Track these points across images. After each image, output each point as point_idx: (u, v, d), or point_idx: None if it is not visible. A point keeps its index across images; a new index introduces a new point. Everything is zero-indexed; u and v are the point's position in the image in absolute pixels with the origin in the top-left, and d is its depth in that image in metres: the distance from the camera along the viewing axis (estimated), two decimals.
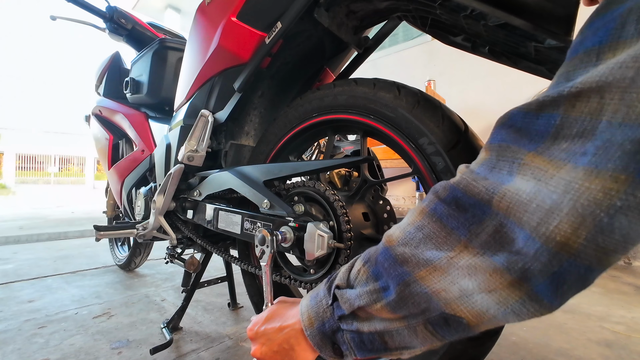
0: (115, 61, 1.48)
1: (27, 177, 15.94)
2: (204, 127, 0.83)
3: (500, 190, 0.25)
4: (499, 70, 2.33)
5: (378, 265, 0.32)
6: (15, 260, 1.89)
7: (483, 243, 0.26)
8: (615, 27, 0.22)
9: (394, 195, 3.03)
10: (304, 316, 0.37)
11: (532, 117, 0.25)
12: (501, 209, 0.24)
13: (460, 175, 0.28)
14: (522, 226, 0.23)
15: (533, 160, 0.24)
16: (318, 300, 0.37)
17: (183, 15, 5.96)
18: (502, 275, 0.24)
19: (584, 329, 1.07)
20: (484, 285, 0.25)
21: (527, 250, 0.23)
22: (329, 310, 0.35)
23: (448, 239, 0.28)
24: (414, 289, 0.28)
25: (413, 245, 0.29)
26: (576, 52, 0.24)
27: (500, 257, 0.25)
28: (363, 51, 0.79)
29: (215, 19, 0.77)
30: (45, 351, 0.89)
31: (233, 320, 1.11)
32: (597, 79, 0.21)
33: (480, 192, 0.26)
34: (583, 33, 0.24)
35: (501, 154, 0.26)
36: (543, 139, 0.24)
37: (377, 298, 0.31)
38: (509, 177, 0.25)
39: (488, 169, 0.27)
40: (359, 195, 0.62)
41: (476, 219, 0.26)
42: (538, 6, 0.39)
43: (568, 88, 0.23)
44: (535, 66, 0.53)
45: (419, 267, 0.28)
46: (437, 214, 0.29)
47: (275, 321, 0.41)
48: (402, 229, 0.31)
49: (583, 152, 0.22)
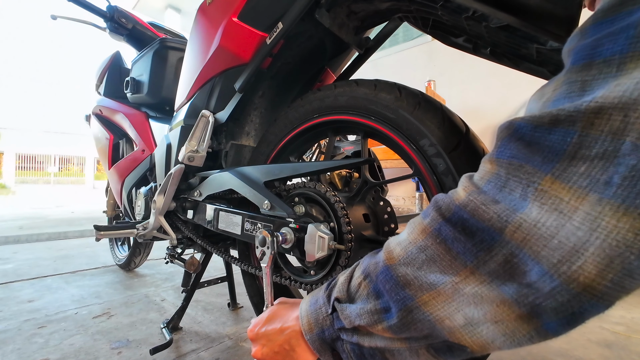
0: (116, 61, 1.48)
1: (27, 177, 15.94)
2: (205, 127, 0.83)
3: (515, 219, 0.23)
4: (499, 71, 2.33)
5: (379, 283, 0.31)
6: (15, 260, 1.89)
7: (491, 271, 0.24)
8: (636, 34, 0.20)
9: (395, 195, 3.03)
10: (304, 320, 0.37)
11: (543, 131, 0.23)
12: (515, 239, 0.23)
13: (467, 195, 0.26)
14: (538, 260, 0.22)
15: (551, 187, 0.22)
16: (317, 307, 0.37)
17: (183, 15, 5.96)
18: (510, 308, 0.23)
19: (584, 329, 1.07)
20: (490, 316, 0.24)
21: (541, 286, 0.21)
22: (329, 319, 0.35)
23: (453, 264, 0.26)
24: (417, 316, 0.28)
25: (415, 266, 0.28)
26: (591, 58, 0.22)
27: (510, 288, 0.23)
28: (364, 52, 0.79)
29: (216, 19, 0.77)
30: (45, 351, 0.89)
31: (233, 320, 1.11)
32: (620, 95, 0.20)
33: (491, 218, 0.24)
34: (586, 35, 0.22)
35: (512, 172, 0.24)
36: (558, 157, 0.22)
37: (378, 319, 0.30)
38: (523, 203, 0.23)
39: (497, 188, 0.25)
40: (360, 196, 0.62)
41: (484, 245, 0.24)
42: (540, 8, 0.39)
43: (587, 103, 0.21)
44: (536, 68, 0.53)
45: (421, 290, 0.27)
46: (442, 235, 0.27)
47: (276, 322, 0.41)
48: (403, 247, 0.30)
49: (606, 180, 0.20)
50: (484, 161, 0.27)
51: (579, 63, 0.23)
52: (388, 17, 0.71)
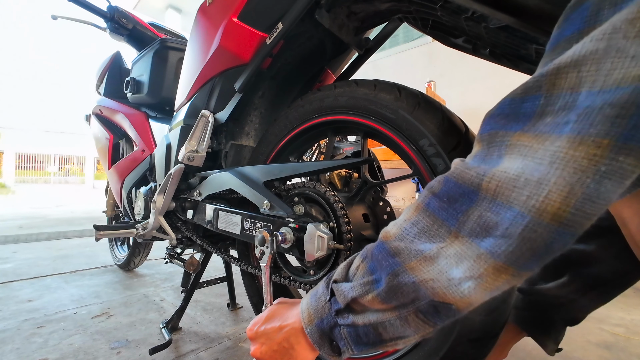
0: (116, 61, 1.48)
1: (26, 177, 15.94)
2: (205, 127, 0.83)
3: (489, 172, 0.25)
4: (498, 72, 2.33)
5: (374, 260, 0.32)
6: (14, 260, 1.89)
7: (470, 230, 0.26)
8: (589, 14, 0.23)
9: (394, 196, 3.03)
10: (304, 314, 0.38)
11: (518, 101, 0.26)
12: (489, 190, 0.25)
13: (454, 166, 0.29)
14: (510, 203, 0.23)
15: (519, 139, 0.24)
16: (317, 297, 0.37)
17: (184, 16, 5.97)
18: (486, 261, 0.25)
19: (583, 331, 1.07)
20: (470, 272, 0.26)
21: (513, 230, 0.23)
22: (327, 306, 0.36)
23: (439, 231, 0.28)
24: (403, 279, 0.29)
25: (408, 240, 0.30)
26: (557, 41, 0.25)
27: (486, 243, 0.25)
28: (364, 52, 0.80)
29: (216, 20, 0.77)
30: (44, 351, 0.89)
31: (232, 320, 1.10)
32: (571, 54, 0.22)
33: (471, 177, 0.26)
34: (560, 26, 0.25)
35: (490, 141, 0.27)
36: (529, 119, 0.24)
37: (369, 289, 0.32)
38: (498, 160, 0.25)
39: (481, 159, 0.27)
40: (359, 196, 0.62)
41: (464, 206, 0.26)
42: (539, 8, 0.39)
43: (547, 67, 0.24)
44: (535, 68, 0.53)
45: (410, 258, 0.29)
46: (430, 208, 0.29)
47: (275, 321, 0.41)
48: (398, 225, 0.32)
49: (565, 121, 0.22)
50: (474, 145, 0.29)
51: (549, 49, 0.26)
52: (388, 17, 0.71)
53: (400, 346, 0.33)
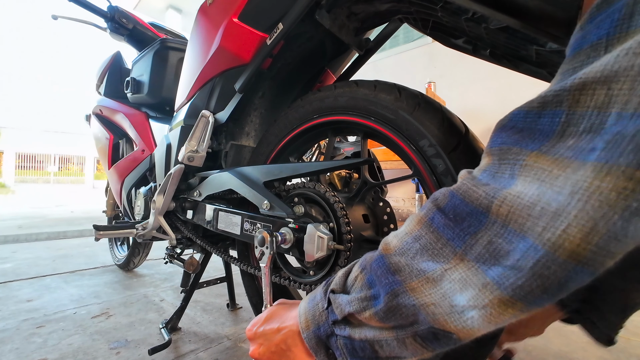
0: (116, 61, 1.48)
1: (26, 176, 15.93)
2: (205, 127, 0.83)
3: (501, 194, 0.23)
4: (499, 73, 2.34)
5: (372, 273, 0.31)
6: (14, 260, 1.89)
7: (477, 255, 0.24)
8: (621, 17, 0.20)
9: (394, 196, 3.03)
10: (302, 318, 0.37)
11: (534, 115, 0.23)
12: (500, 215, 0.23)
13: (461, 180, 0.27)
14: (523, 234, 0.21)
15: (536, 161, 0.22)
16: (315, 303, 0.37)
17: (184, 16, 5.98)
18: (492, 292, 0.23)
19: (583, 331, 1.07)
20: (474, 301, 0.24)
21: (524, 263, 0.21)
22: (324, 314, 0.35)
23: (443, 251, 0.26)
24: (402, 301, 0.27)
25: (409, 255, 0.28)
26: (580, 47, 0.22)
27: (494, 271, 0.23)
28: (364, 53, 0.80)
29: (216, 20, 0.77)
30: (44, 351, 0.89)
31: (232, 321, 1.10)
32: (601, 69, 0.19)
33: (479, 197, 0.24)
34: (584, 28, 0.23)
35: (502, 157, 0.24)
36: (547, 138, 0.22)
37: (367, 306, 0.30)
38: (511, 181, 0.23)
39: (490, 175, 0.25)
40: (359, 196, 0.62)
41: (472, 228, 0.24)
42: (539, 9, 0.39)
43: (571, 81, 0.21)
44: (536, 69, 0.53)
45: (411, 277, 0.27)
46: (435, 224, 0.27)
47: (274, 322, 0.41)
48: (399, 238, 0.30)
49: (591, 148, 0.19)
50: (482, 156, 0.27)
51: (570, 54, 0.23)
52: (388, 18, 0.71)
53: None
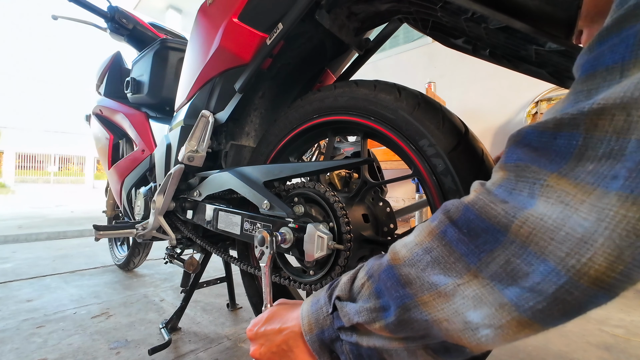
0: (117, 61, 1.49)
1: (26, 176, 15.94)
2: (205, 127, 0.83)
3: (522, 215, 0.22)
4: (499, 73, 2.34)
5: (381, 282, 0.31)
6: (14, 260, 1.89)
7: (494, 274, 0.24)
8: (636, 42, 0.20)
9: (394, 196, 3.03)
10: (304, 321, 0.37)
11: (549, 136, 0.23)
12: (520, 235, 0.22)
13: (476, 195, 0.26)
14: (545, 257, 0.21)
15: (558, 183, 0.22)
16: (318, 307, 0.37)
17: (184, 16, 5.98)
18: (510, 313, 0.23)
19: (584, 332, 1.07)
20: (490, 320, 0.24)
21: (545, 287, 0.21)
22: (329, 319, 0.35)
23: (456, 265, 0.26)
24: (415, 315, 0.27)
25: (420, 267, 0.28)
26: (594, 69, 0.22)
27: (511, 292, 0.23)
28: (364, 53, 0.80)
29: (216, 20, 0.77)
30: (44, 351, 0.89)
31: (232, 321, 1.10)
32: (621, 95, 0.20)
33: (498, 215, 0.24)
34: (593, 50, 0.23)
35: (520, 174, 0.24)
36: (565, 160, 0.22)
37: (376, 317, 0.30)
38: (531, 200, 0.23)
39: (507, 191, 0.25)
40: (359, 196, 0.62)
41: (488, 246, 0.24)
42: (539, 9, 0.39)
43: (589, 105, 0.21)
44: (535, 69, 0.53)
45: (422, 290, 0.27)
46: (447, 237, 0.27)
47: (275, 322, 0.41)
48: (409, 248, 0.30)
49: (613, 175, 0.20)
50: (495, 170, 0.27)
51: (584, 74, 0.23)
52: (388, 18, 0.71)
53: None
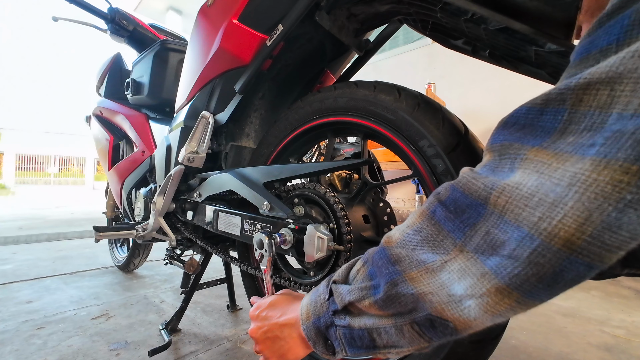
0: (117, 62, 1.49)
1: (26, 178, 15.94)
2: (205, 128, 0.83)
3: (499, 185, 0.24)
4: (498, 74, 2.34)
5: (374, 265, 0.32)
6: (14, 261, 1.89)
7: (476, 246, 0.25)
8: (630, 23, 0.20)
9: (394, 197, 3.03)
10: (303, 310, 0.38)
11: (536, 112, 0.24)
12: (498, 205, 0.23)
13: (462, 174, 0.28)
14: (519, 223, 0.22)
15: (537, 155, 0.23)
16: (317, 295, 0.38)
17: (184, 17, 5.99)
18: (489, 281, 0.23)
19: (584, 332, 1.06)
20: (472, 290, 0.24)
21: (520, 252, 0.22)
22: (325, 305, 0.36)
23: (444, 242, 0.27)
24: (402, 289, 0.28)
25: (410, 247, 0.29)
26: (587, 51, 0.23)
27: (492, 261, 0.24)
28: (364, 54, 0.80)
29: (216, 21, 0.77)
30: (43, 352, 0.88)
31: (232, 322, 1.10)
32: (606, 70, 0.20)
33: (478, 189, 0.25)
34: (592, 34, 0.23)
35: (503, 152, 0.25)
36: (549, 134, 0.23)
37: (366, 294, 0.31)
38: (510, 173, 0.24)
39: (490, 169, 0.26)
40: (359, 197, 0.62)
41: (471, 220, 0.25)
42: (538, 10, 0.39)
43: (576, 80, 0.21)
44: (535, 70, 0.53)
45: (410, 267, 0.28)
46: (436, 216, 0.28)
47: (277, 310, 0.43)
48: (401, 231, 0.31)
49: (591, 144, 0.20)
50: (484, 155, 0.28)
51: (577, 58, 0.24)
52: (388, 19, 0.71)
53: (393, 356, 0.33)
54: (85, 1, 1.26)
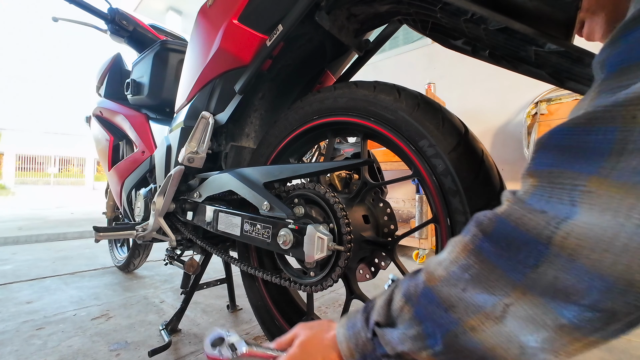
0: (117, 63, 1.49)
1: (26, 178, 15.94)
2: (205, 128, 0.83)
3: (563, 225, 0.21)
4: (498, 74, 2.34)
5: (421, 306, 0.29)
6: (14, 261, 1.89)
7: (543, 290, 0.22)
8: None
9: (394, 197, 3.02)
10: (343, 345, 0.35)
11: (580, 132, 0.21)
12: (566, 248, 0.20)
13: (509, 205, 0.24)
14: (601, 272, 0.19)
15: (600, 187, 0.20)
16: (356, 331, 0.35)
17: (184, 18, 5.99)
18: (570, 334, 0.21)
19: None
20: (551, 345, 0.21)
21: (607, 305, 0.19)
22: (370, 344, 0.33)
23: (499, 282, 0.24)
24: (464, 342, 0.25)
25: (459, 287, 0.26)
26: (627, 62, 0.21)
27: (569, 312, 0.21)
28: (364, 54, 0.80)
29: (216, 22, 0.77)
30: (43, 352, 0.88)
31: (232, 322, 1.10)
32: None
33: (537, 226, 0.22)
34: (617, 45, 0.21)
35: (553, 180, 0.22)
36: (603, 157, 0.20)
37: (422, 346, 0.28)
38: (572, 208, 0.21)
39: (543, 200, 0.23)
40: (359, 197, 0.62)
41: (531, 260, 0.22)
42: (538, 10, 0.39)
43: (625, 95, 0.19)
44: (535, 70, 0.53)
45: (467, 313, 0.25)
46: (484, 252, 0.25)
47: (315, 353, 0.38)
48: (444, 266, 0.28)
49: None
50: (524, 176, 0.25)
51: (615, 69, 0.22)
52: (387, 19, 0.71)
53: None
54: (85, 1, 1.26)
